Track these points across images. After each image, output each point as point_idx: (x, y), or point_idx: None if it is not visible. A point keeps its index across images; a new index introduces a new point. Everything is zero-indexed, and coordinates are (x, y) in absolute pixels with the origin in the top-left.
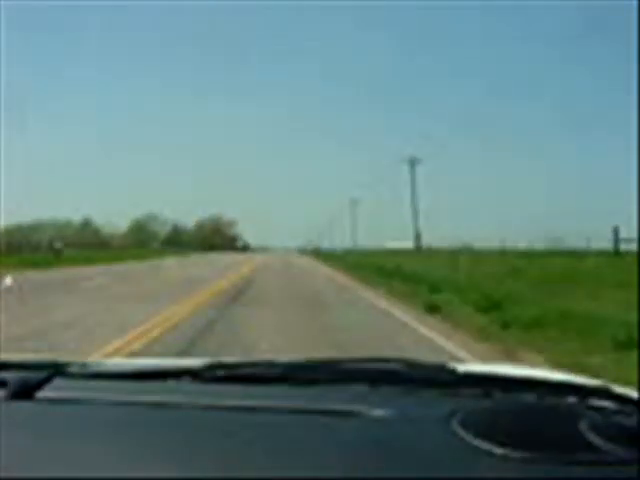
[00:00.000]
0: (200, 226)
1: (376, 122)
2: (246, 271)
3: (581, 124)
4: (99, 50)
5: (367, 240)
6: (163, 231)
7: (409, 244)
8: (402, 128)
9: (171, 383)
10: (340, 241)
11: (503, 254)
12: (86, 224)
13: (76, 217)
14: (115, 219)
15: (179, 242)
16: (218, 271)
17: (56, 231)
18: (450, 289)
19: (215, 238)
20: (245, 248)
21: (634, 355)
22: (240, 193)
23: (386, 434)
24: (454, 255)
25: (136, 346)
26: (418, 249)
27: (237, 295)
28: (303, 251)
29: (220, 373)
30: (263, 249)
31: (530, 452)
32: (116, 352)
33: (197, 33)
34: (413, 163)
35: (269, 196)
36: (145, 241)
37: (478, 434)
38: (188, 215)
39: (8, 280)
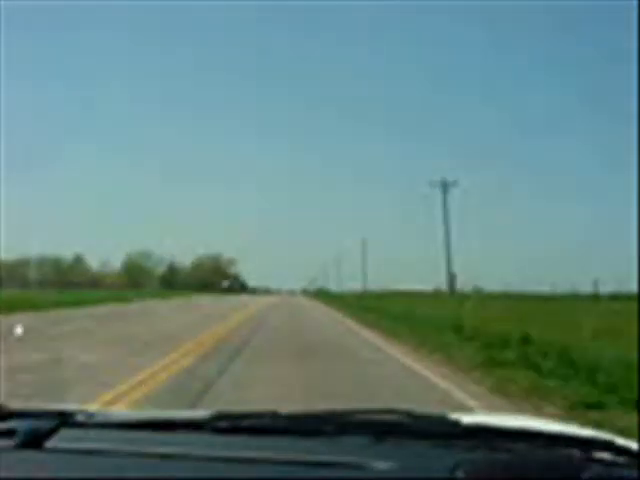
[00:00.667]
0: (198, 264)
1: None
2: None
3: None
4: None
5: (375, 282)
6: (157, 269)
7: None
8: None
9: (177, 434)
10: (348, 282)
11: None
12: (78, 261)
13: (68, 254)
14: (108, 257)
15: (175, 282)
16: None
17: (40, 268)
18: None
19: (215, 278)
20: (243, 288)
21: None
22: (240, 231)
23: None
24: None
25: None
26: (452, 293)
27: None
28: (307, 293)
29: (225, 424)
30: (265, 290)
31: None
32: None
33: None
34: (445, 188)
35: (270, 235)
36: (139, 280)
37: None
38: (185, 253)
39: (19, 329)
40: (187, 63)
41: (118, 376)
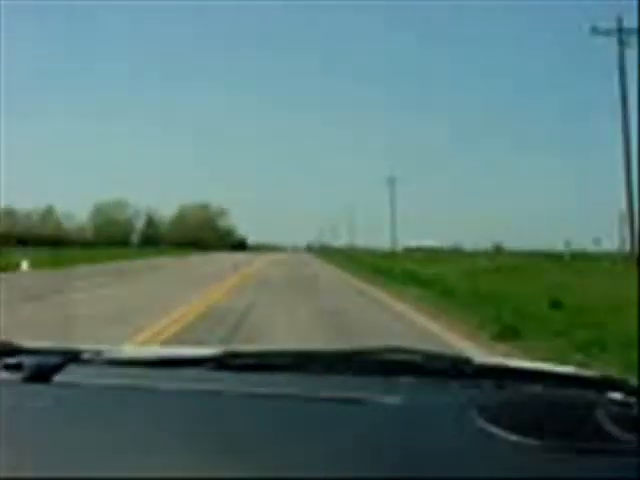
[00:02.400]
0: (181, 216)
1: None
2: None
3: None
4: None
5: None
6: (134, 223)
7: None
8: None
9: (186, 371)
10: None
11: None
12: (48, 214)
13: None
14: (73, 209)
15: (156, 238)
16: None
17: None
18: None
19: (202, 232)
20: (242, 246)
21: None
22: (233, 182)
23: (399, 422)
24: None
25: None
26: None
27: None
28: (311, 249)
29: (236, 361)
30: (264, 247)
31: (548, 441)
32: None
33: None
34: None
35: (270, 186)
36: (112, 235)
37: (497, 423)
38: (166, 204)
39: (25, 265)
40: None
41: None
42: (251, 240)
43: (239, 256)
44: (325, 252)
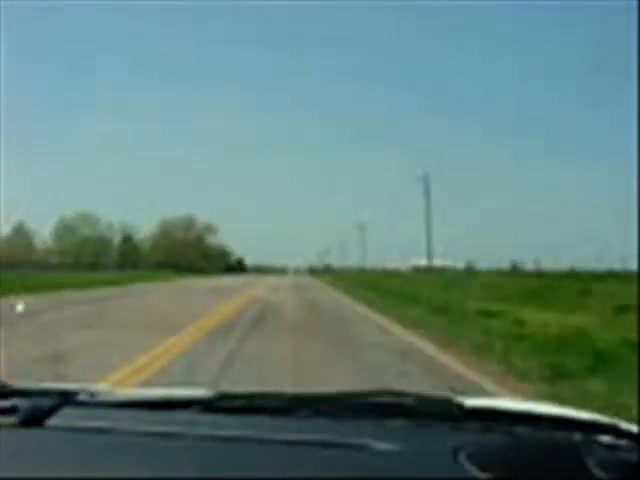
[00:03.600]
0: (164, 233)
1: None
2: None
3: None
4: None
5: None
6: (104, 239)
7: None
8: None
9: (180, 413)
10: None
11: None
12: (18, 231)
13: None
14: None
15: (134, 258)
16: None
17: None
18: None
19: (189, 252)
20: (241, 267)
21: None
22: (227, 199)
23: (393, 467)
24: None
25: None
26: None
27: None
28: (313, 272)
29: (228, 404)
30: (262, 269)
31: None
32: None
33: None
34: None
35: (265, 206)
36: (79, 255)
37: (485, 468)
38: (142, 216)
39: (20, 306)
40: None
41: None
42: (249, 261)
43: (227, 280)
44: (331, 274)
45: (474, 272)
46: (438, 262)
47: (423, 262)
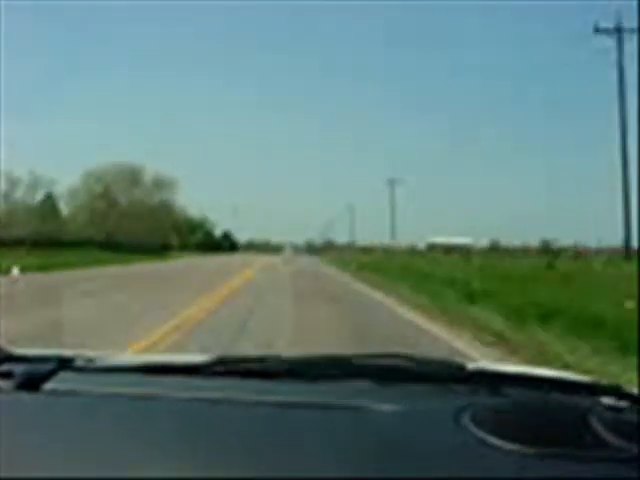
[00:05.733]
0: (90, 190)
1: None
2: None
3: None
4: None
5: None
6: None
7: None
8: None
9: (177, 377)
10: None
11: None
12: None
13: None
14: None
15: (55, 229)
16: None
17: None
18: None
19: (136, 222)
20: (231, 245)
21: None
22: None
23: (393, 429)
24: None
25: None
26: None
27: None
28: (312, 249)
29: (227, 368)
30: (255, 247)
31: (542, 448)
32: None
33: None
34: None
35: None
36: None
37: (490, 430)
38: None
39: (15, 272)
40: None
41: None
42: (242, 237)
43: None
44: (336, 254)
45: (495, 250)
46: (459, 240)
47: (440, 239)
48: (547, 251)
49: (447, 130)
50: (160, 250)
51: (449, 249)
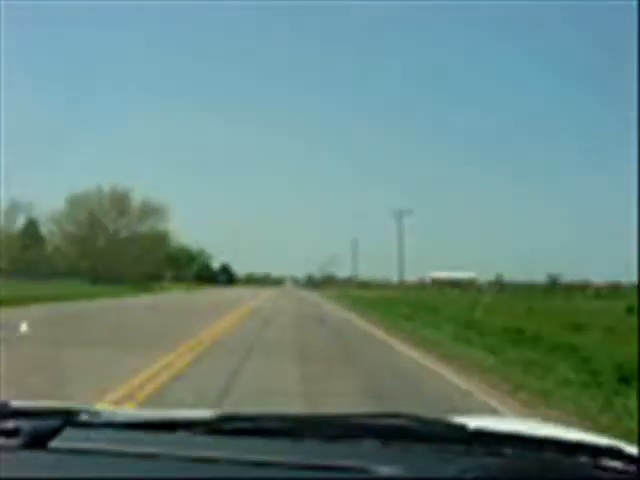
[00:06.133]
0: (74, 215)
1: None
2: None
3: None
4: None
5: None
6: None
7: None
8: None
9: (182, 434)
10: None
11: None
12: None
13: None
14: None
15: (39, 258)
16: None
17: None
18: None
19: (123, 251)
20: (229, 278)
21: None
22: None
23: None
24: None
25: None
26: None
27: None
28: (312, 283)
29: (230, 426)
30: (256, 280)
31: None
32: None
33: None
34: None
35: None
36: None
37: None
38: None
39: (23, 327)
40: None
41: None
42: (240, 270)
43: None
44: (337, 289)
45: (505, 286)
46: (459, 275)
47: (443, 274)
48: (555, 286)
49: (447, 162)
50: (149, 281)
51: (455, 284)
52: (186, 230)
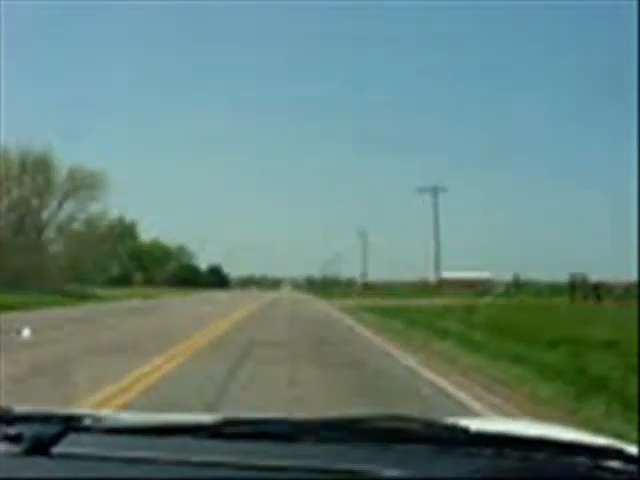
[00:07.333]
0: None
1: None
2: None
3: None
4: None
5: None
6: None
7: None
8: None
9: (184, 439)
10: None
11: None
12: None
13: None
14: None
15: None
16: None
17: None
18: None
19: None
20: (222, 280)
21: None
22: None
23: None
24: None
25: None
26: None
27: None
28: (313, 286)
29: (232, 430)
30: (251, 282)
31: None
32: None
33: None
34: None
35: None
36: None
37: None
38: None
39: (26, 332)
40: None
41: None
42: (241, 272)
43: None
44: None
45: (523, 286)
46: (474, 275)
47: (453, 274)
48: (577, 286)
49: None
50: (116, 284)
51: (468, 285)
52: (190, 234)
